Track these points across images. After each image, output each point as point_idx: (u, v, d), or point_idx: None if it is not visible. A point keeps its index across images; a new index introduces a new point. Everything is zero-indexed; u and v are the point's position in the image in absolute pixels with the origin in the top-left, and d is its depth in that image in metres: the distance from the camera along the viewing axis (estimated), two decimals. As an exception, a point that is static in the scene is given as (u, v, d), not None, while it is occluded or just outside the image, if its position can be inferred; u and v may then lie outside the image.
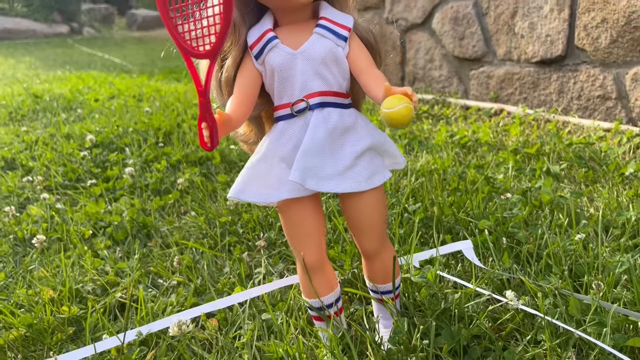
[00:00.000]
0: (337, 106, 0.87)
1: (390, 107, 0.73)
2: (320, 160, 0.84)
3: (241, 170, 0.88)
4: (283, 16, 0.87)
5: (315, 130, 0.84)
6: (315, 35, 0.85)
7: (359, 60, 0.86)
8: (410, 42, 3.34)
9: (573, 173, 1.57)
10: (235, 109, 0.83)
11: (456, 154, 1.80)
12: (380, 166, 0.89)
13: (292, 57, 0.85)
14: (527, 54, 2.60)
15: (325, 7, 0.88)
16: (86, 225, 1.39)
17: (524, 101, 2.65)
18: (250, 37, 0.86)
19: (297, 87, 0.85)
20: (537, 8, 2.52)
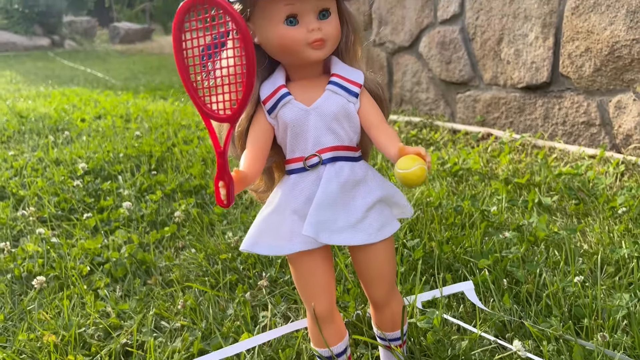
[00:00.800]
0: (348, 160, 0.88)
1: (405, 168, 0.75)
2: (333, 213, 0.85)
3: (253, 222, 0.89)
4: (295, 71, 0.89)
5: (327, 185, 0.85)
6: (327, 92, 0.87)
7: (370, 115, 0.89)
8: (398, 65, 3.39)
9: (564, 205, 1.61)
10: (250, 165, 0.84)
11: (449, 183, 1.83)
12: (390, 217, 0.90)
13: (305, 113, 0.86)
14: (513, 79, 2.66)
15: (336, 63, 0.90)
16: (83, 262, 1.39)
17: (510, 125, 2.71)
18: (263, 92, 0.88)
19: (310, 142, 0.87)
20: (523, 35, 2.58)
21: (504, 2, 2.65)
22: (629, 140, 2.18)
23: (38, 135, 2.97)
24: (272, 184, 0.96)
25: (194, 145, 2.43)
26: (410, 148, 0.77)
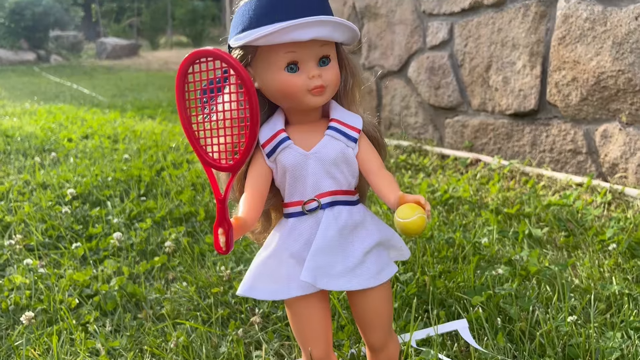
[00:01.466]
0: (347, 204, 0.89)
1: (405, 218, 0.75)
2: (331, 258, 0.85)
3: (250, 266, 0.88)
4: (294, 115, 0.90)
5: (326, 230, 0.85)
6: (326, 137, 0.88)
7: (369, 161, 0.89)
8: (386, 89, 3.41)
9: (554, 237, 1.62)
10: (249, 210, 0.84)
11: (440, 213, 1.84)
12: (387, 261, 0.91)
13: (304, 157, 0.87)
14: (501, 106, 2.69)
15: (334, 107, 0.91)
16: (72, 294, 1.37)
17: (498, 151, 2.73)
18: (262, 135, 0.88)
19: (309, 186, 0.87)
20: (511, 63, 2.62)
21: (492, 30, 2.69)
22: (614, 169, 2.21)
23: (24, 156, 2.94)
24: (269, 225, 0.96)
25: (183, 169, 2.42)
26: (410, 196, 0.78)
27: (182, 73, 0.72)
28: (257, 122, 0.71)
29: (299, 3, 0.80)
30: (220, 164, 0.76)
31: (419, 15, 3.10)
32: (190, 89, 0.74)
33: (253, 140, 0.72)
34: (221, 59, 0.69)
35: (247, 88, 0.69)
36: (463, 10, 2.82)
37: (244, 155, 0.74)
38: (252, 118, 0.70)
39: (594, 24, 2.21)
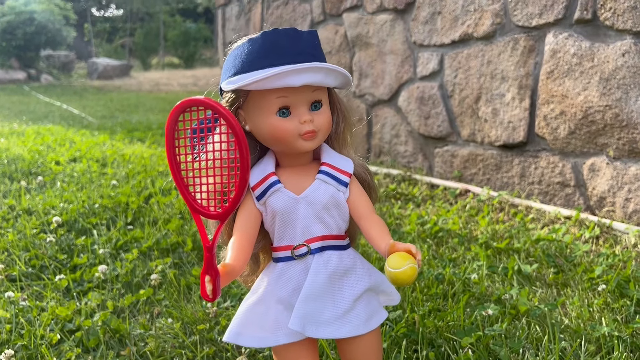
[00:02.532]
0: (337, 248, 0.88)
1: (396, 267, 0.74)
2: (320, 305, 0.84)
3: (237, 310, 0.87)
4: (285, 158, 0.89)
5: (315, 276, 0.84)
6: (317, 181, 0.87)
7: (360, 206, 0.89)
8: (377, 117, 3.43)
9: (543, 273, 1.62)
10: (237, 256, 0.82)
11: (429, 246, 1.83)
12: (377, 307, 0.89)
13: (294, 202, 0.86)
14: (490, 137, 2.71)
15: (326, 151, 0.91)
16: (54, 328, 1.33)
17: (487, 182, 2.74)
18: (252, 178, 0.87)
19: (299, 231, 0.86)
20: (500, 95, 2.64)
21: (482, 63, 2.72)
22: (602, 202, 2.22)
23: (10, 179, 2.91)
24: (257, 268, 0.95)
25: (171, 197, 2.40)
26: (401, 245, 0.77)
27: (172, 120, 0.71)
28: (247, 170, 0.70)
29: (291, 49, 0.80)
30: (209, 211, 0.75)
31: (409, 46, 3.13)
32: (180, 136, 0.73)
33: (243, 188, 0.71)
34: (212, 109, 0.69)
35: (238, 137, 0.68)
36: (453, 42, 2.85)
37: (234, 203, 0.73)
38: (242, 166, 0.70)
39: (582, 60, 2.24)
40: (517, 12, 2.51)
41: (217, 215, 0.74)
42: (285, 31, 0.83)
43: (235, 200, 0.72)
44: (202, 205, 0.75)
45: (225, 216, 0.74)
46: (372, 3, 3.33)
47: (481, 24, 2.70)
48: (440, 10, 2.90)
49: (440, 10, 2.91)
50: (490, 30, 2.65)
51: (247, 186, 0.72)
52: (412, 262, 0.75)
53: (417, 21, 3.05)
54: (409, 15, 3.11)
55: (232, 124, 0.67)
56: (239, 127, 0.68)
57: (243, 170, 0.70)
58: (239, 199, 0.72)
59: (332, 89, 0.91)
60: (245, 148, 0.69)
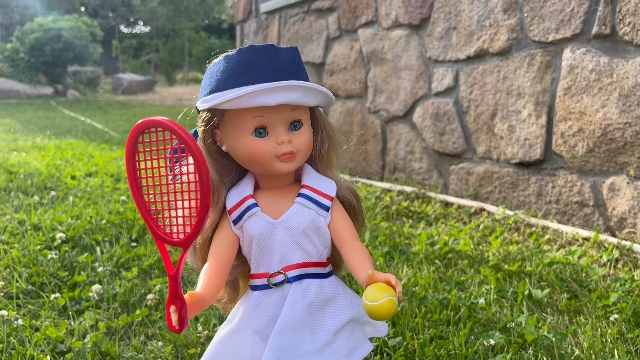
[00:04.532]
0: (317, 276, 0.83)
1: (373, 301, 0.69)
2: (297, 337, 0.79)
3: (212, 340, 0.82)
4: (265, 180, 0.85)
5: (292, 306, 0.79)
6: (296, 205, 0.83)
7: (342, 231, 0.84)
8: (391, 133, 3.38)
9: (555, 299, 1.54)
10: (209, 284, 0.78)
11: (437, 267, 1.77)
12: (361, 339, 0.84)
13: (271, 226, 0.81)
14: (506, 154, 2.64)
15: (307, 173, 0.86)
16: (45, 350, 1.31)
17: (503, 200, 2.66)
18: (229, 201, 0.83)
19: (276, 258, 0.81)
20: (516, 112, 2.57)
21: (498, 79, 2.66)
22: (623, 223, 2.13)
23: (25, 193, 2.93)
24: (236, 295, 0.90)
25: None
26: (381, 275, 0.72)
27: (131, 142, 0.68)
28: (208, 195, 0.66)
29: (268, 66, 0.76)
30: (172, 238, 0.71)
31: (424, 62, 3.08)
32: (140, 158, 0.69)
33: (204, 214, 0.67)
34: (171, 130, 0.65)
35: (197, 160, 0.64)
36: (468, 57, 2.80)
37: (196, 230, 0.69)
38: (202, 191, 0.66)
39: (600, 75, 2.17)
40: (533, 27, 2.45)
41: (179, 242, 0.70)
42: (262, 48, 0.79)
43: (197, 227, 0.68)
44: (164, 231, 0.71)
45: (188, 243, 0.70)
46: (387, 19, 3.29)
47: (497, 39, 2.64)
48: (456, 26, 2.86)
49: (455, 26, 2.86)
50: (506, 45, 2.59)
51: (208, 212, 0.68)
52: (391, 295, 0.69)
53: (432, 37, 3.01)
54: (424, 31, 3.07)
55: (190, 146, 0.64)
56: (198, 149, 0.64)
57: (203, 194, 0.66)
58: (200, 225, 0.68)
59: (316, 109, 0.87)
60: (204, 171, 0.65)
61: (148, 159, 0.69)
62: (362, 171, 3.62)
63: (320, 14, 3.89)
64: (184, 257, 0.70)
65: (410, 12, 3.13)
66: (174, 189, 0.70)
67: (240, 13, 4.90)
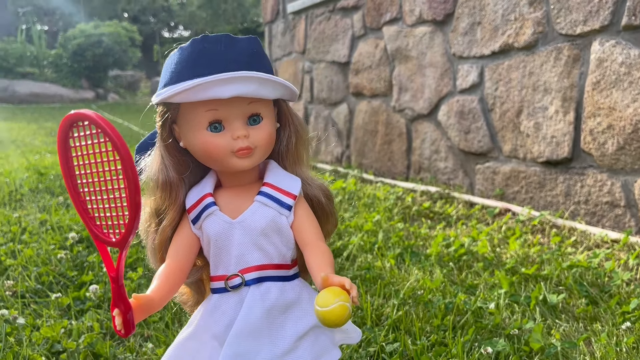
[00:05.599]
0: (279, 279, 0.78)
1: (324, 306, 0.64)
2: (255, 343, 0.75)
3: (170, 345, 0.79)
4: (226, 178, 0.81)
5: (249, 310, 0.75)
6: (256, 203, 0.78)
7: (304, 232, 0.78)
8: (417, 132, 3.30)
9: (572, 304, 1.45)
10: (161, 286, 0.75)
11: (449, 270, 1.70)
12: (327, 346, 0.79)
13: (229, 226, 0.77)
14: (532, 153, 2.53)
15: (271, 170, 0.82)
16: (41, 350, 1.30)
17: (530, 200, 2.56)
18: (188, 199, 0.80)
19: (233, 260, 0.77)
20: (542, 108, 2.46)
21: (523, 74, 2.56)
22: (655, 225, 2.01)
23: (51, 194, 2.98)
24: (201, 298, 0.86)
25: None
26: (336, 278, 0.66)
27: (61, 137, 0.65)
28: (137, 193, 0.63)
29: (222, 57, 0.72)
30: (109, 238, 0.68)
31: (449, 58, 3.00)
32: (73, 154, 0.67)
33: (134, 212, 0.64)
34: (96, 124, 0.62)
35: (122, 156, 0.61)
36: (493, 53, 2.70)
37: (128, 230, 0.65)
38: (129, 188, 0.62)
39: (630, 69, 2.05)
40: (560, 20, 2.35)
41: (115, 243, 0.67)
42: (217, 38, 0.75)
43: (130, 227, 0.65)
44: (102, 230, 0.68)
45: (123, 244, 0.67)
46: (411, 15, 3.22)
47: (522, 33, 2.54)
48: (480, 20, 2.76)
49: (479, 21, 2.77)
50: (532, 39, 2.49)
51: (139, 210, 0.64)
52: (344, 300, 0.64)
53: (456, 32, 2.92)
54: (448, 27, 2.98)
55: (114, 141, 0.61)
56: (123, 144, 0.61)
57: (132, 192, 0.62)
58: (132, 224, 0.65)
59: (283, 103, 0.83)
60: (130, 167, 0.61)
61: (80, 154, 0.66)
62: (388, 171, 3.55)
63: (346, 12, 3.85)
64: (122, 258, 0.67)
65: (434, 7, 3.05)
66: (106, 186, 0.67)
67: (268, 14, 4.90)
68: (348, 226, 2.15)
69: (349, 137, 3.95)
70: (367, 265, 1.71)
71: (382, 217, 2.26)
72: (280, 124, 0.83)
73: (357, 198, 2.65)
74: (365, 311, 1.37)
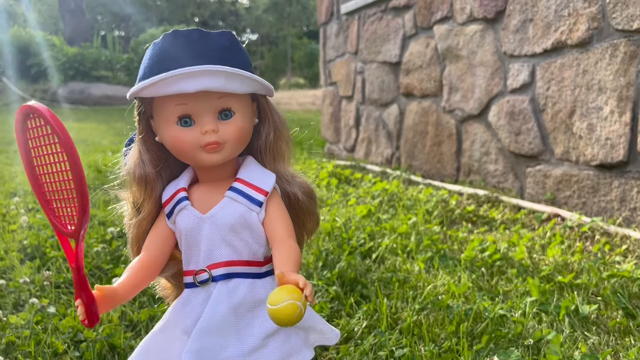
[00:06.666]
0: (249, 276, 0.77)
1: (273, 304, 0.62)
2: (221, 339, 0.74)
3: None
4: (202, 173, 0.81)
5: (215, 306, 0.74)
6: (226, 199, 0.78)
7: (274, 229, 0.77)
8: (467, 133, 3.21)
9: (606, 316, 1.35)
10: (127, 279, 0.75)
11: (479, 275, 1.63)
12: (299, 346, 0.77)
13: (199, 221, 0.77)
14: (585, 155, 2.40)
15: (246, 166, 0.81)
16: (65, 338, 1.36)
17: (582, 206, 2.42)
18: (165, 194, 0.80)
19: (202, 255, 0.77)
20: (597, 109, 2.33)
21: (577, 73, 2.43)
22: None
23: (105, 191, 3.11)
24: (181, 292, 0.86)
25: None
26: (291, 276, 0.64)
27: (17, 129, 0.67)
28: (82, 184, 0.63)
29: (191, 51, 0.72)
30: (67, 229, 0.69)
31: (499, 57, 2.89)
32: (30, 146, 0.68)
33: (83, 204, 0.64)
34: (42, 117, 0.63)
35: (66, 149, 0.62)
36: (545, 50, 2.58)
37: (79, 221, 0.66)
38: (75, 179, 0.63)
39: (690, 65, 1.90)
40: (616, 15, 2.21)
41: (70, 233, 0.68)
42: (187, 32, 0.75)
43: (80, 218, 0.65)
44: (61, 221, 0.69)
45: (76, 235, 0.67)
46: (462, 13, 3.13)
47: (576, 29, 2.41)
48: (532, 17, 2.65)
49: (532, 17, 2.65)
50: (586, 36, 2.36)
51: (88, 201, 0.65)
52: (295, 298, 0.62)
53: (507, 30, 2.81)
54: (499, 25, 2.88)
55: (57, 131, 0.61)
56: (66, 134, 0.62)
57: (77, 183, 0.63)
58: (82, 216, 0.65)
59: (262, 98, 0.81)
60: (73, 159, 0.62)
61: (36, 146, 0.67)
62: (437, 173, 3.47)
63: (397, 12, 3.79)
64: (79, 249, 0.68)
65: (484, 5, 2.95)
66: (59, 177, 0.68)
67: (323, 15, 4.91)
68: (383, 228, 2.11)
69: (399, 138, 3.89)
70: (393, 268, 1.67)
71: (420, 220, 2.20)
72: (260, 120, 0.82)
73: (397, 200, 2.60)
74: (382, 314, 1.34)
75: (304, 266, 1.68)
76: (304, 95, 12.40)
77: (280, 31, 18.56)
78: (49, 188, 0.69)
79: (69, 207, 0.68)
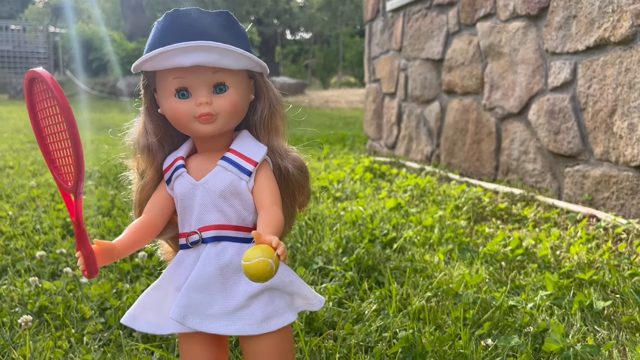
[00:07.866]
0: (238, 240, 0.82)
1: (246, 260, 0.67)
2: (208, 297, 0.79)
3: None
4: (200, 143, 0.87)
5: (204, 266, 0.80)
6: (218, 167, 0.84)
7: (261, 197, 0.82)
8: (506, 131, 3.17)
9: (620, 313, 1.33)
10: (126, 236, 0.82)
11: (497, 268, 1.63)
12: (282, 308, 0.81)
13: (193, 187, 0.83)
14: (625, 156, 2.33)
15: (240, 138, 0.86)
16: (93, 305, 1.45)
17: (621, 208, 2.36)
18: (166, 162, 0.87)
19: (194, 218, 0.83)
20: (638, 108, 2.27)
21: (619, 71, 2.36)
22: None
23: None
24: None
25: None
26: (267, 236, 0.69)
27: (26, 93, 0.74)
28: (77, 143, 0.69)
29: (188, 28, 0.78)
30: (67, 185, 0.76)
31: (541, 54, 2.84)
32: (38, 107, 0.75)
33: (78, 162, 0.70)
34: (43, 80, 0.69)
35: (62, 108, 0.68)
36: (588, 48, 2.52)
37: (75, 179, 0.72)
38: (72, 139, 0.69)
39: None
40: (661, 11, 2.14)
41: (69, 188, 0.74)
42: (187, 11, 0.80)
43: (76, 175, 0.71)
44: (64, 179, 0.76)
45: (74, 191, 0.73)
46: (505, 10, 3.09)
47: (619, 26, 2.35)
48: (576, 14, 2.59)
49: (575, 14, 2.60)
50: (630, 33, 2.29)
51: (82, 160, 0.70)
52: (266, 256, 0.66)
53: (550, 27, 2.76)
54: (542, 21, 2.83)
55: (55, 94, 0.67)
56: (63, 98, 0.67)
57: (73, 143, 0.69)
58: (78, 173, 0.71)
59: (258, 75, 0.87)
60: (69, 119, 0.68)
61: (42, 108, 0.74)
62: (475, 172, 3.44)
63: (441, 9, 3.78)
64: (78, 203, 0.74)
65: (528, 1, 2.91)
66: (60, 137, 0.74)
67: (369, 12, 4.93)
68: (409, 221, 2.13)
69: (439, 135, 3.87)
70: (410, 257, 1.68)
71: (447, 214, 2.21)
72: (256, 96, 0.87)
73: (429, 195, 2.60)
74: (392, 299, 1.36)
75: (325, 252, 1.72)
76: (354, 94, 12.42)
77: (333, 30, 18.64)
78: (53, 147, 0.77)
79: (68, 164, 0.75)
